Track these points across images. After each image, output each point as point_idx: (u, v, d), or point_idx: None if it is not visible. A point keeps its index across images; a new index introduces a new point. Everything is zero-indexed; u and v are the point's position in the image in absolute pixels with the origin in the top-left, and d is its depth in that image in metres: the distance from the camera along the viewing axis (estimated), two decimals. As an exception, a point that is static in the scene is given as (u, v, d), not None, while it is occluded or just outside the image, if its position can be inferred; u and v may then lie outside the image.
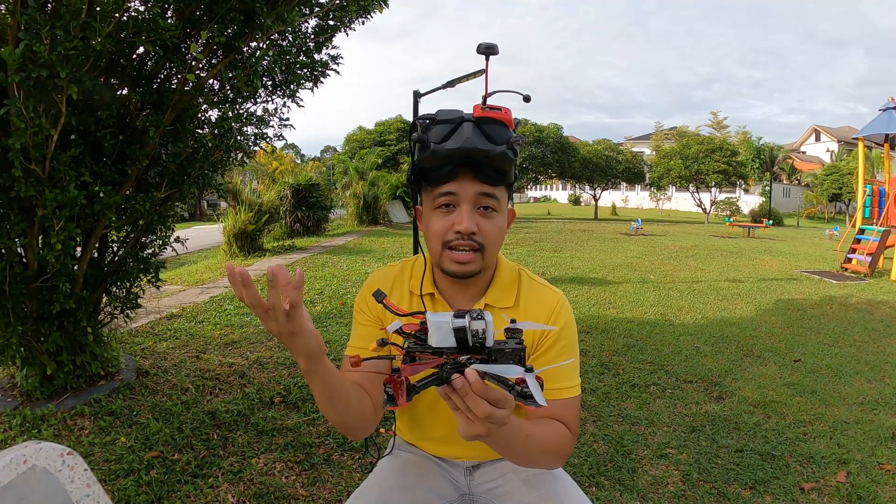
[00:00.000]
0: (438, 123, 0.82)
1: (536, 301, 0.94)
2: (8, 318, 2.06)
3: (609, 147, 23.25)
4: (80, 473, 0.70)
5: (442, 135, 0.81)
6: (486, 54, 0.79)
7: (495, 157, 0.80)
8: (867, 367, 3.42)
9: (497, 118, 0.81)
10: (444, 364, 0.58)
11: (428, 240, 0.90)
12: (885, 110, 8.31)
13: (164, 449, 1.98)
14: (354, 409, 0.80)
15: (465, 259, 0.85)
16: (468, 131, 0.80)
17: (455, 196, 0.84)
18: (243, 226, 7.63)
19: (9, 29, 1.65)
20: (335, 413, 0.77)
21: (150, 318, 3.82)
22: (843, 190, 25.53)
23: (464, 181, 0.83)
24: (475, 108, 0.82)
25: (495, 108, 0.81)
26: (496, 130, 0.81)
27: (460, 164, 0.82)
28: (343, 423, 0.81)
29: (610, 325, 4.19)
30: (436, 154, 0.81)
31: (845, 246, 8.56)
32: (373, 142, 24.52)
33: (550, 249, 9.22)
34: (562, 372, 0.91)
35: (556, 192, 48.49)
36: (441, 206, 0.85)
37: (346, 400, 0.77)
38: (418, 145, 0.84)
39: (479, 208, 0.85)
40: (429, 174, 0.85)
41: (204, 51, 2.17)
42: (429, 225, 0.88)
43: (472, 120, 0.81)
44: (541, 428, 0.83)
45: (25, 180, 1.81)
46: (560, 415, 0.88)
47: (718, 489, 1.93)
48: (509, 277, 0.96)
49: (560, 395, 0.89)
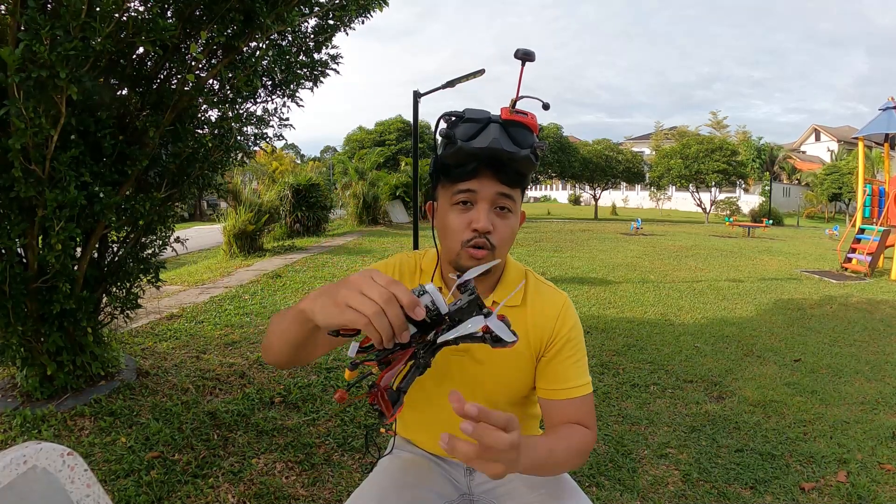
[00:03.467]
0: (466, 122, 0.83)
1: (543, 301, 0.96)
2: (8, 319, 2.06)
3: (609, 147, 23.23)
4: (80, 474, 0.70)
5: (469, 133, 0.82)
6: (523, 60, 0.80)
7: (519, 159, 0.82)
8: (867, 367, 3.42)
9: (524, 122, 0.83)
10: (415, 352, 0.58)
11: (443, 236, 0.90)
12: (885, 110, 8.30)
13: (164, 449, 1.98)
14: (309, 352, 0.80)
15: (481, 255, 0.86)
16: (495, 132, 0.81)
17: (474, 194, 0.85)
18: (243, 226, 7.63)
19: (9, 29, 1.65)
20: (289, 356, 0.78)
21: (150, 318, 3.82)
22: (843, 190, 25.52)
23: (484, 180, 0.84)
24: (503, 110, 0.83)
25: (522, 112, 0.83)
26: (522, 134, 0.83)
27: (483, 163, 0.83)
28: (285, 363, 0.80)
29: (610, 325, 4.19)
30: (461, 151, 0.82)
31: (845, 245, 8.56)
32: (373, 142, 24.53)
33: (550, 249, 9.22)
34: (568, 370, 0.93)
35: (556, 192, 48.47)
36: (459, 202, 0.86)
37: (310, 353, 0.80)
38: (445, 140, 0.84)
39: (496, 208, 0.87)
40: (451, 170, 0.86)
41: (204, 51, 2.17)
42: (445, 221, 0.88)
43: (499, 122, 0.82)
44: (560, 437, 0.85)
45: (25, 180, 1.81)
46: (576, 414, 0.91)
47: (718, 489, 1.93)
48: (517, 277, 0.98)
49: (572, 394, 0.91)
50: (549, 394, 0.93)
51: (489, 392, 0.95)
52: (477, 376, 0.94)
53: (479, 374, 0.94)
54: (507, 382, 0.95)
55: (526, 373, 0.95)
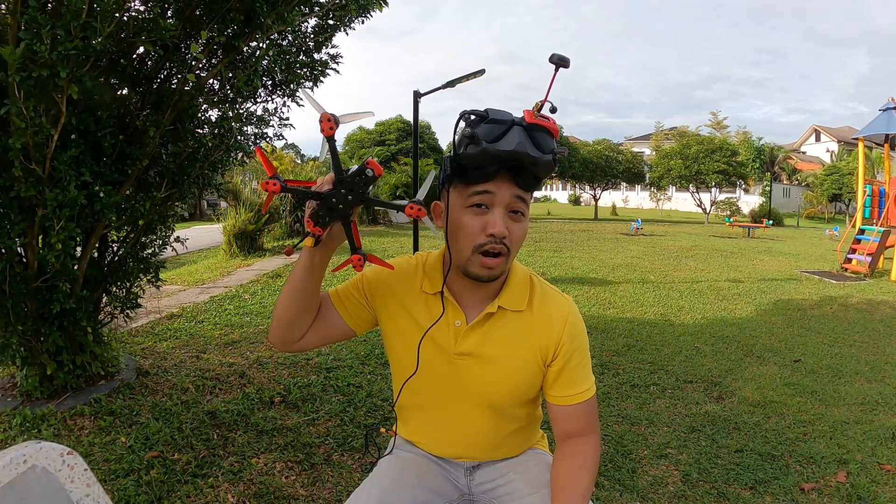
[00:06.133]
0: (490, 122, 0.81)
1: (549, 306, 0.96)
2: (8, 318, 2.06)
3: (609, 147, 23.23)
4: (79, 473, 0.70)
5: (494, 134, 0.80)
6: (558, 65, 0.80)
7: (541, 164, 0.81)
8: (867, 368, 3.42)
9: (547, 127, 0.83)
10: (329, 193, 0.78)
11: (455, 239, 0.88)
12: (885, 110, 8.31)
13: (164, 449, 1.98)
14: (307, 314, 0.92)
15: (493, 264, 0.86)
16: (520, 135, 0.80)
17: (491, 196, 0.84)
18: (243, 226, 7.64)
19: (9, 28, 1.65)
20: (290, 309, 0.90)
21: (150, 318, 3.82)
22: (843, 190, 25.53)
23: (502, 183, 0.84)
24: (526, 113, 0.82)
25: (544, 116, 0.83)
26: (544, 139, 0.82)
27: (504, 166, 0.82)
28: (286, 321, 0.91)
29: (610, 325, 4.19)
30: (486, 153, 0.79)
31: (845, 246, 8.56)
32: (373, 142, 24.50)
33: (550, 249, 9.22)
34: (577, 377, 0.94)
35: (556, 192, 48.48)
36: (474, 205, 0.85)
37: (310, 302, 0.91)
38: (467, 141, 0.81)
39: (511, 212, 0.86)
40: (468, 171, 0.84)
41: (204, 51, 2.17)
42: (458, 224, 0.87)
43: (523, 125, 0.81)
44: (575, 470, 0.89)
45: (25, 180, 1.81)
46: (584, 417, 0.94)
47: (718, 489, 1.93)
48: (522, 281, 0.97)
49: (581, 398, 0.94)
50: (560, 400, 0.94)
51: (494, 395, 0.95)
52: (482, 379, 0.94)
53: (484, 377, 0.94)
54: (513, 385, 0.95)
55: (533, 376, 0.95)
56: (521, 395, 0.96)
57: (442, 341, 0.94)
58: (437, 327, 0.93)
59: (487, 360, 0.93)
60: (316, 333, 0.95)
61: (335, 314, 0.97)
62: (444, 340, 0.94)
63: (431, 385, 0.97)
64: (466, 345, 0.93)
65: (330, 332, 0.97)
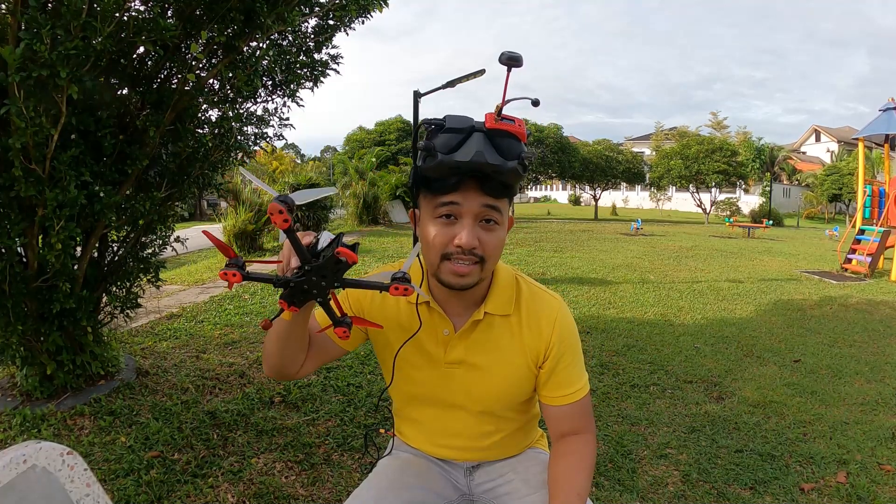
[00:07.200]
0: (447, 132, 0.76)
1: (538, 307, 0.94)
2: (8, 318, 2.06)
3: (609, 147, 23.23)
4: (79, 473, 0.71)
5: (451, 144, 0.76)
6: (509, 66, 0.72)
7: (505, 172, 0.76)
8: (867, 368, 3.42)
9: (510, 131, 0.76)
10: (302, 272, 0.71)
11: (426, 249, 0.85)
12: (885, 111, 8.30)
13: (163, 449, 1.98)
14: (299, 353, 0.89)
15: (464, 272, 0.82)
16: (479, 143, 0.75)
17: (458, 207, 0.80)
18: (243, 225, 7.65)
19: (9, 28, 1.65)
20: (282, 354, 0.86)
21: (150, 317, 3.82)
22: (844, 190, 25.51)
23: (468, 193, 0.79)
24: (487, 117, 0.77)
25: (509, 119, 0.77)
26: (508, 144, 0.77)
27: (467, 176, 0.78)
28: (278, 364, 0.88)
29: (610, 326, 4.19)
30: (442, 165, 0.76)
31: (845, 246, 8.56)
32: (373, 142, 24.54)
33: (550, 249, 9.21)
34: (569, 377, 0.93)
35: (556, 193, 48.45)
36: (442, 216, 0.81)
37: (299, 345, 0.87)
38: (424, 153, 0.78)
39: (481, 221, 0.82)
40: (431, 183, 0.81)
41: (204, 51, 2.17)
42: (427, 234, 0.83)
43: (483, 130, 0.76)
44: (571, 470, 0.88)
45: (26, 180, 1.81)
46: (578, 416, 0.93)
47: (718, 489, 1.93)
48: (507, 284, 0.94)
49: (574, 398, 0.93)
50: (553, 400, 0.93)
51: (488, 401, 0.95)
52: (474, 387, 0.94)
53: (476, 385, 0.93)
54: (505, 391, 0.95)
55: (525, 379, 0.94)
56: (514, 399, 0.96)
57: (432, 351, 0.93)
58: (426, 337, 0.92)
59: (478, 368, 0.93)
60: (312, 362, 0.93)
61: (327, 340, 0.93)
62: (434, 350, 0.93)
63: (425, 393, 0.96)
64: (456, 353, 0.92)
65: (325, 357, 0.96)
